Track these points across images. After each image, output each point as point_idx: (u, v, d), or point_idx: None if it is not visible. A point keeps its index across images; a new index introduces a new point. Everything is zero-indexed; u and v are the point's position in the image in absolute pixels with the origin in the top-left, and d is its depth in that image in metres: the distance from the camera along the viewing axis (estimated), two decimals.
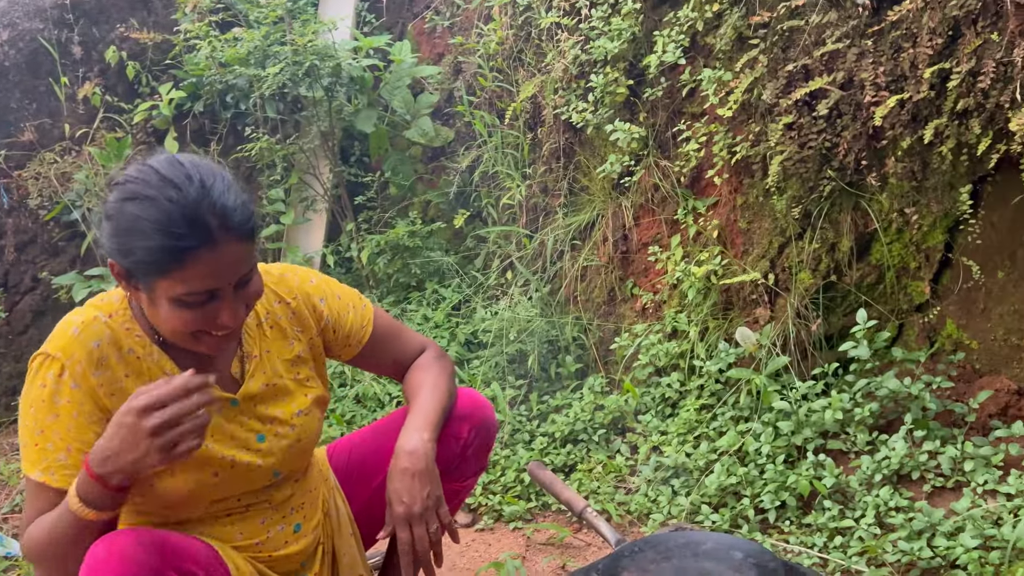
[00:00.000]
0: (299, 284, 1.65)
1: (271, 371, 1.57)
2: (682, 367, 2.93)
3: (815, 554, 2.16)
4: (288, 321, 1.61)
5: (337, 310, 1.68)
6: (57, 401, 1.37)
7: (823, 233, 2.66)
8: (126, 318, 1.46)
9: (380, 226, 4.17)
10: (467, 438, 1.78)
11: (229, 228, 1.32)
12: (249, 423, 1.54)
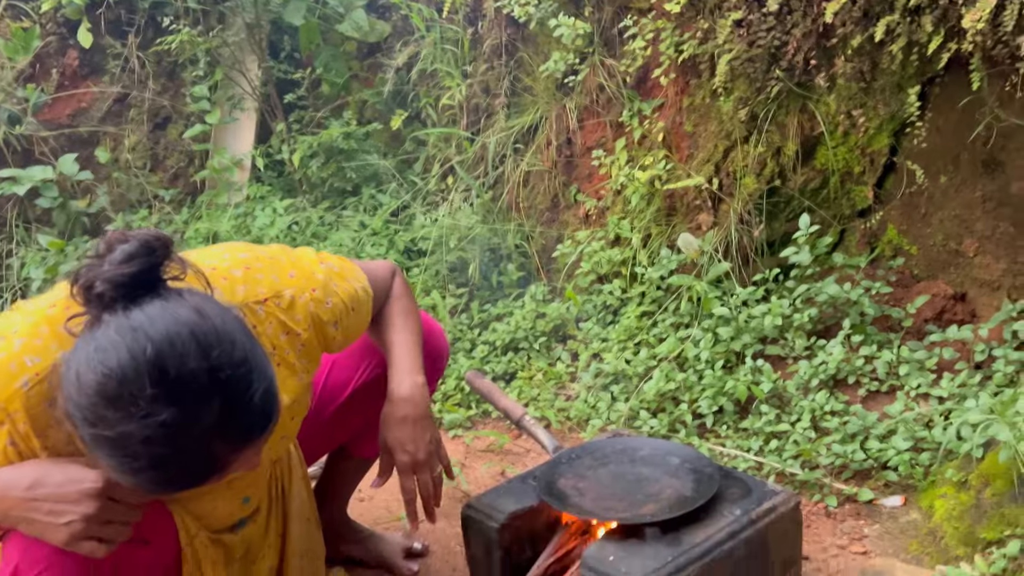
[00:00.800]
0: (314, 310, 1.37)
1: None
2: (624, 274, 2.90)
3: (751, 458, 2.17)
4: (296, 355, 1.37)
5: (347, 328, 1.45)
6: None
7: (769, 136, 2.60)
8: None
9: (312, 127, 3.97)
10: None
11: (248, 444, 1.08)
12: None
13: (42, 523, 1.11)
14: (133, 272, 1.02)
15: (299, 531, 1.66)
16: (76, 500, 1.11)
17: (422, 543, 1.97)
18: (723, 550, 1.50)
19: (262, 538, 1.58)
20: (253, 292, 1.31)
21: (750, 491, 1.64)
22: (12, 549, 1.18)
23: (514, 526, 1.68)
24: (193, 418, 1.00)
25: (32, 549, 1.16)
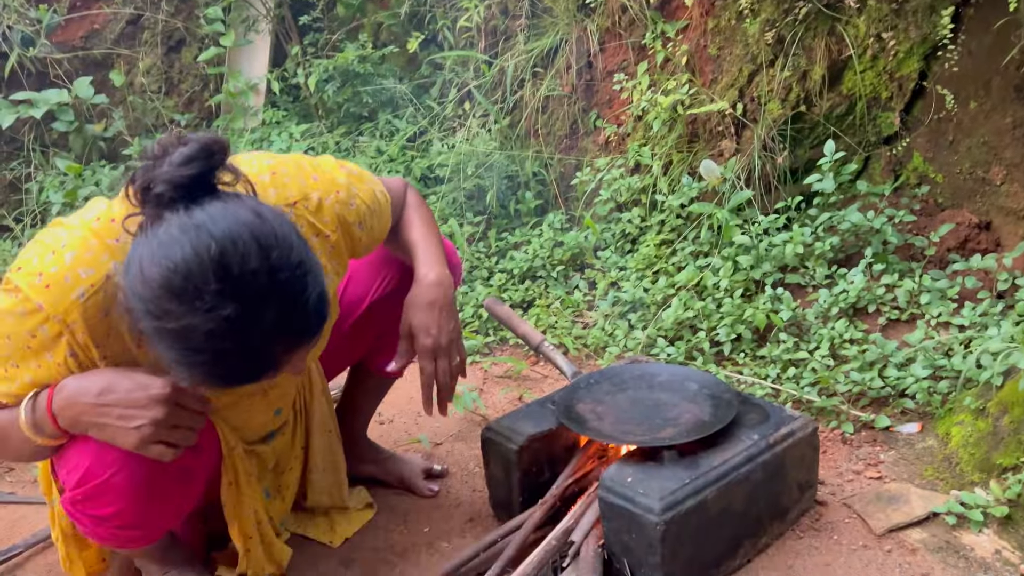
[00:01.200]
0: (340, 211, 1.40)
1: None
2: (644, 202, 2.87)
3: (768, 385, 2.18)
4: (327, 258, 1.40)
5: (371, 230, 1.48)
6: (47, 355, 1.19)
7: (795, 60, 2.54)
8: None
9: (328, 50, 3.91)
10: None
11: (301, 345, 1.13)
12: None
13: (113, 427, 1.15)
14: (193, 174, 1.04)
15: (321, 444, 1.72)
16: (145, 405, 1.14)
17: (442, 465, 2.00)
18: (740, 473, 1.52)
19: (289, 449, 1.67)
20: (283, 196, 1.32)
21: (768, 416, 1.65)
22: (81, 454, 1.22)
23: (533, 448, 1.70)
24: (254, 315, 1.04)
25: (104, 453, 1.21)
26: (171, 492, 1.31)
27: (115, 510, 1.26)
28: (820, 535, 1.67)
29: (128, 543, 1.36)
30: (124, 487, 1.23)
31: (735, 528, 1.55)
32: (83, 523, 1.31)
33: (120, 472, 1.22)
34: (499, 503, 1.78)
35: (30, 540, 1.83)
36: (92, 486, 1.23)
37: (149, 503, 1.28)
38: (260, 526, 1.59)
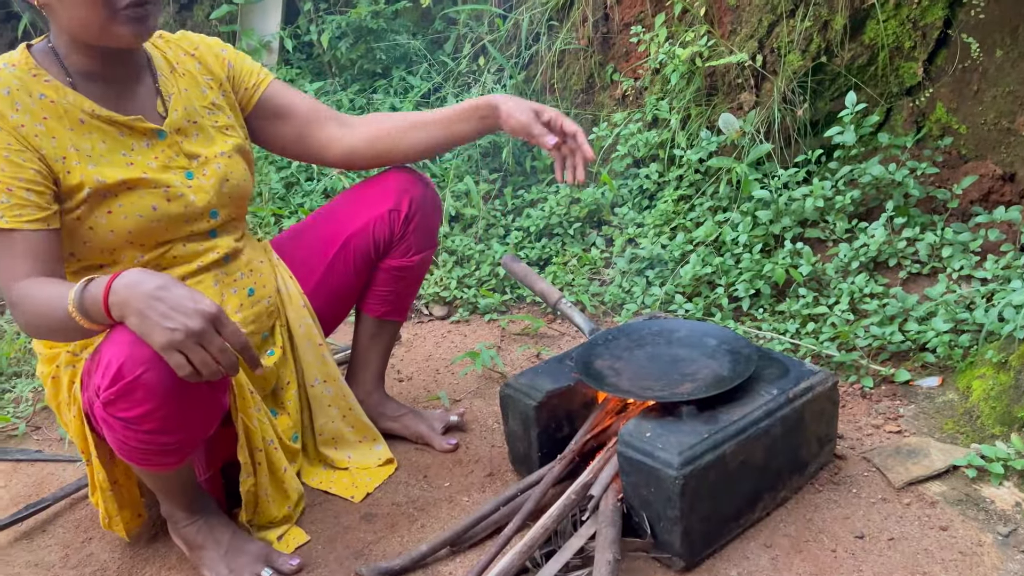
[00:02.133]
0: (201, 39, 1.70)
1: (191, 109, 1.60)
2: (661, 157, 2.84)
3: (787, 340, 2.18)
4: (197, 71, 1.65)
5: (236, 56, 1.72)
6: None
7: (816, 10, 2.48)
8: (31, 65, 1.44)
9: (341, 6, 3.86)
10: (408, 211, 1.81)
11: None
12: (177, 160, 1.55)
13: (151, 320, 1.18)
14: None
15: (310, 356, 1.81)
16: (187, 313, 1.18)
17: (460, 414, 2.02)
18: (759, 428, 1.52)
19: (283, 365, 1.76)
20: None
21: (787, 371, 1.65)
22: (116, 352, 1.26)
23: (551, 404, 1.71)
24: None
25: (137, 351, 1.24)
26: (198, 398, 1.33)
27: (145, 410, 1.29)
28: (839, 488, 1.68)
29: (157, 455, 1.38)
30: (154, 384, 1.26)
31: (754, 482, 1.55)
32: (114, 428, 1.34)
33: (151, 370, 1.25)
34: (518, 459, 1.79)
35: (58, 494, 1.87)
36: (124, 383, 1.26)
37: (178, 406, 1.31)
38: (267, 448, 1.64)
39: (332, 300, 1.86)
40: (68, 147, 1.42)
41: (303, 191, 3.37)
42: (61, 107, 1.44)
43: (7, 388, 2.43)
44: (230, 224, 1.65)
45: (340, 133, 1.76)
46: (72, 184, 1.42)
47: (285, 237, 1.88)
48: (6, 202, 1.35)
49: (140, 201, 1.48)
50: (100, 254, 1.48)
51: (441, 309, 2.77)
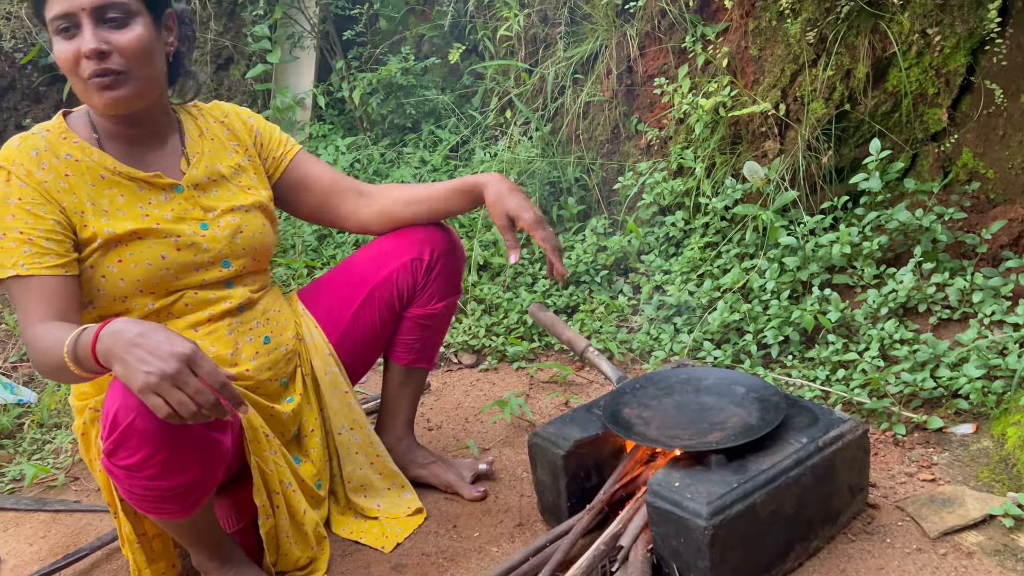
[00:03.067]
0: (231, 107, 1.80)
1: (212, 168, 1.68)
2: (687, 205, 2.86)
3: (817, 387, 2.16)
4: (225, 136, 1.74)
5: (265, 126, 1.82)
6: (10, 201, 1.46)
7: (838, 59, 2.51)
8: (63, 129, 1.56)
9: (371, 63, 3.98)
10: (429, 259, 1.85)
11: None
12: (193, 212, 1.62)
13: (130, 366, 1.22)
14: None
15: (337, 404, 1.84)
16: (163, 356, 1.22)
17: (488, 462, 2.03)
18: (789, 477, 1.51)
19: (307, 412, 1.79)
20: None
21: (817, 419, 1.64)
22: (110, 402, 1.31)
23: (579, 453, 1.72)
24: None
25: (128, 398, 1.29)
26: (194, 441, 1.36)
27: (142, 456, 1.32)
28: (872, 538, 1.65)
29: (164, 502, 1.41)
30: (146, 430, 1.30)
31: (785, 532, 1.54)
32: (119, 478, 1.37)
33: (141, 416, 1.29)
34: (547, 508, 1.79)
35: (95, 544, 1.89)
36: (119, 431, 1.30)
37: (174, 450, 1.33)
38: (285, 491, 1.66)
39: (358, 349, 1.89)
40: (86, 202, 1.51)
41: (335, 243, 3.44)
42: (84, 164, 1.53)
43: (48, 439, 2.49)
44: (248, 276, 1.70)
45: (357, 205, 1.85)
46: (86, 236, 1.50)
47: (312, 288, 1.93)
48: (27, 251, 1.44)
49: (149, 250, 1.54)
50: (113, 302, 1.55)
51: (470, 357, 2.80)
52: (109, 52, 1.46)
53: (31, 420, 2.56)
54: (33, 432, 2.51)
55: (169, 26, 1.59)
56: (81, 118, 1.59)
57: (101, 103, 1.49)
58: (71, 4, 1.43)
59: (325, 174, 1.85)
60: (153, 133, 1.62)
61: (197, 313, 1.62)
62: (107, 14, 1.45)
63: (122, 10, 1.47)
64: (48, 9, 1.46)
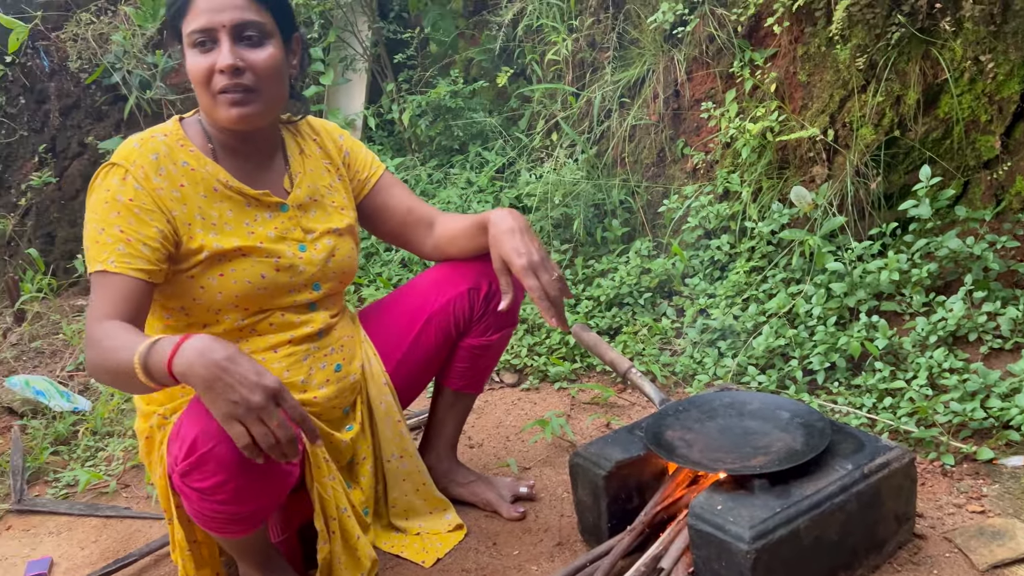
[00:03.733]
0: (322, 124, 1.83)
1: (313, 187, 1.72)
2: (733, 229, 2.86)
3: (863, 415, 2.14)
4: (318, 154, 1.78)
5: (353, 145, 1.85)
6: (120, 199, 1.47)
7: (888, 85, 2.50)
8: (180, 136, 1.59)
9: (421, 86, 4.05)
10: (487, 290, 1.85)
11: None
12: (294, 232, 1.65)
13: (215, 391, 1.23)
14: None
15: (389, 432, 1.85)
16: (250, 386, 1.23)
17: (529, 485, 2.03)
18: (834, 503, 1.50)
19: (363, 440, 1.80)
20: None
21: (863, 446, 1.62)
22: (190, 426, 1.33)
23: (621, 475, 1.72)
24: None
25: (210, 425, 1.30)
26: (268, 471, 1.38)
27: (217, 481, 1.34)
28: (919, 569, 1.63)
29: (231, 524, 1.44)
30: (225, 458, 1.31)
31: (828, 559, 1.52)
32: (191, 499, 1.40)
33: (222, 444, 1.31)
34: (587, 528, 1.80)
35: (144, 550, 1.94)
36: (197, 456, 1.32)
37: (249, 479, 1.35)
38: (341, 516, 1.67)
39: (413, 376, 1.91)
40: (196, 214, 1.54)
41: (382, 260, 3.50)
42: (199, 175, 1.56)
43: (101, 447, 2.56)
44: (329, 299, 1.73)
45: (424, 237, 1.87)
46: (193, 247, 1.53)
47: (373, 310, 1.95)
48: (121, 250, 1.45)
49: (251, 268, 1.57)
50: (206, 313, 1.57)
51: (512, 376, 2.81)
52: (244, 69, 1.49)
53: (85, 428, 2.64)
54: (87, 439, 2.59)
55: (295, 49, 1.63)
56: (196, 126, 1.61)
57: (227, 117, 1.52)
58: (212, 20, 1.47)
59: (402, 203, 1.86)
60: (263, 150, 1.66)
61: (279, 334, 1.64)
62: (245, 32, 1.49)
63: (259, 30, 1.51)
64: (187, 23, 1.50)
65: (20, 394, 2.77)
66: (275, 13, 1.54)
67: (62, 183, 4.14)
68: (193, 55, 1.51)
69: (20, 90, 4.11)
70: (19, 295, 3.68)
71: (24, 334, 3.48)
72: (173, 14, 1.52)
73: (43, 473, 2.43)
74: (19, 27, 3.82)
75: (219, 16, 1.47)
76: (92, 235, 1.47)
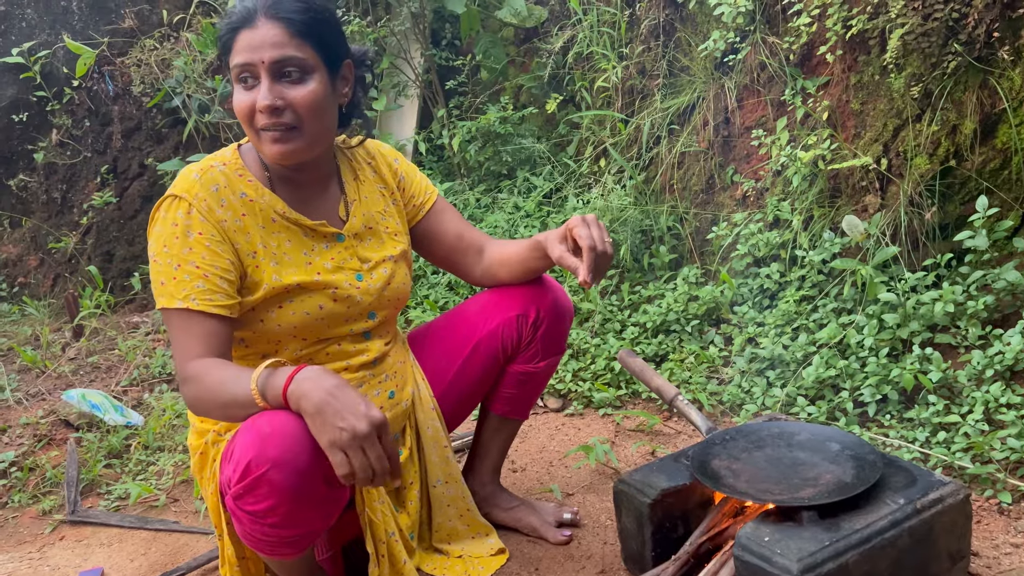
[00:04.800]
0: (377, 147, 1.84)
1: (368, 215, 1.73)
2: (783, 257, 2.83)
3: (916, 449, 2.09)
4: (373, 179, 1.79)
5: (408, 170, 1.86)
6: (189, 235, 1.49)
7: (944, 114, 2.46)
8: (238, 166, 1.60)
9: (471, 112, 4.10)
10: (535, 317, 1.86)
11: (269, 14, 1.48)
12: (351, 262, 1.66)
13: (322, 417, 1.27)
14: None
15: (436, 458, 1.85)
16: (359, 416, 1.27)
17: (573, 512, 2.02)
18: (884, 538, 1.46)
19: (408, 464, 1.81)
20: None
21: (915, 480, 1.59)
22: (244, 450, 1.34)
23: (666, 503, 1.70)
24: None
25: (264, 450, 1.32)
26: (318, 498, 1.39)
27: (269, 505, 1.35)
28: None
29: (281, 546, 1.45)
30: (278, 483, 1.33)
31: None
32: (242, 521, 1.41)
33: (275, 469, 1.32)
34: (631, 557, 1.78)
35: (192, 564, 1.97)
36: (251, 479, 1.33)
37: (299, 504, 1.36)
38: (389, 540, 1.68)
39: (460, 401, 1.92)
40: (258, 244, 1.56)
41: (429, 283, 3.53)
42: (258, 205, 1.58)
43: (152, 461, 2.61)
44: (382, 327, 1.74)
45: (474, 263, 1.88)
46: (255, 279, 1.55)
47: (420, 335, 1.96)
48: (201, 287, 1.47)
49: (310, 300, 1.59)
50: (267, 344, 1.60)
51: (556, 401, 2.81)
52: (283, 108, 1.49)
53: (137, 442, 2.70)
54: (139, 454, 2.64)
55: (346, 76, 1.61)
56: (253, 154, 1.63)
57: (271, 154, 1.53)
58: (252, 56, 1.48)
59: (454, 228, 1.87)
60: (318, 178, 1.67)
61: (336, 363, 1.66)
62: (284, 69, 1.49)
63: (299, 66, 1.49)
64: (232, 58, 1.51)
65: (77, 407, 2.84)
66: (318, 47, 1.52)
67: (122, 203, 4.27)
68: (238, 90, 1.52)
69: (85, 113, 4.26)
70: (78, 311, 3.79)
71: (82, 349, 3.58)
72: (222, 47, 1.55)
73: (96, 485, 2.49)
74: (87, 53, 3.97)
75: (258, 54, 1.48)
76: (166, 270, 1.49)
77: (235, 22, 1.50)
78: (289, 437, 1.32)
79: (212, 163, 1.58)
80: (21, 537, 2.26)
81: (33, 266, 4.45)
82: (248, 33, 1.48)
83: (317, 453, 1.32)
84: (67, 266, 4.33)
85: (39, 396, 3.11)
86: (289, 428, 1.32)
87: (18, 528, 2.32)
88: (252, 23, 1.48)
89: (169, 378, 3.25)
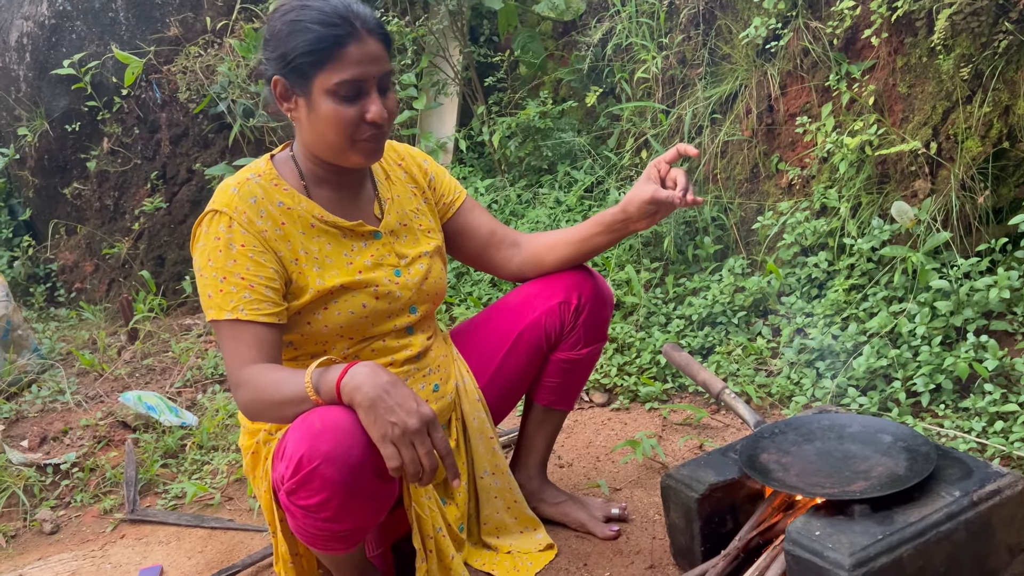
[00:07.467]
0: (406, 149, 1.87)
1: (402, 212, 1.76)
2: (831, 246, 2.78)
3: (972, 439, 2.04)
4: (404, 179, 1.82)
5: (437, 170, 1.88)
6: (232, 247, 1.52)
7: (995, 95, 2.40)
8: (273, 176, 1.63)
9: (511, 108, 4.10)
10: (577, 303, 1.87)
11: (370, 28, 1.51)
12: (389, 259, 1.69)
13: (376, 411, 1.31)
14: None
15: (482, 449, 1.87)
16: (410, 411, 1.30)
17: (621, 507, 2.02)
18: (940, 532, 1.43)
19: (457, 457, 1.83)
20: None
21: (971, 472, 1.55)
22: (297, 445, 1.37)
23: (714, 497, 1.69)
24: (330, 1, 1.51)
25: (316, 445, 1.35)
26: (371, 491, 1.41)
27: (321, 499, 1.37)
28: None
29: (333, 541, 1.47)
30: (330, 476, 1.35)
31: None
32: (296, 516, 1.44)
33: (326, 463, 1.34)
34: (680, 552, 1.77)
35: (247, 561, 2.02)
36: (304, 474, 1.36)
37: (352, 498, 1.39)
38: (436, 535, 1.70)
39: (505, 392, 1.93)
40: (300, 250, 1.59)
41: (472, 280, 3.54)
42: (296, 213, 1.61)
43: (206, 460, 2.67)
44: (424, 322, 1.77)
45: (510, 255, 1.90)
46: (300, 284, 1.58)
47: (463, 330, 1.99)
48: (248, 297, 1.50)
49: (353, 299, 1.63)
50: (315, 345, 1.64)
51: (601, 396, 2.80)
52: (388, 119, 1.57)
53: (192, 442, 2.76)
54: (194, 453, 2.70)
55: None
56: (288, 163, 1.65)
57: (359, 161, 1.58)
58: (363, 72, 1.49)
59: (484, 225, 1.90)
60: (355, 180, 1.71)
61: (381, 359, 1.69)
62: (386, 81, 1.55)
63: (391, 77, 1.57)
64: (331, 73, 1.48)
65: (133, 409, 2.92)
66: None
67: (172, 208, 4.37)
68: (335, 103, 1.50)
69: (135, 121, 4.37)
70: (132, 315, 3.89)
71: (137, 352, 3.67)
72: (305, 61, 1.49)
73: (154, 484, 2.56)
74: (134, 62, 4.06)
75: (370, 68, 1.50)
76: (212, 283, 1.52)
77: (337, 36, 1.48)
78: (340, 432, 1.34)
79: (248, 175, 1.61)
80: (84, 536, 2.34)
81: (89, 272, 4.58)
82: (357, 48, 1.49)
83: (368, 447, 1.34)
84: (121, 271, 4.45)
85: (97, 398, 3.20)
86: (340, 423, 1.34)
87: (81, 527, 2.39)
88: (358, 37, 1.49)
89: (221, 379, 3.32)
